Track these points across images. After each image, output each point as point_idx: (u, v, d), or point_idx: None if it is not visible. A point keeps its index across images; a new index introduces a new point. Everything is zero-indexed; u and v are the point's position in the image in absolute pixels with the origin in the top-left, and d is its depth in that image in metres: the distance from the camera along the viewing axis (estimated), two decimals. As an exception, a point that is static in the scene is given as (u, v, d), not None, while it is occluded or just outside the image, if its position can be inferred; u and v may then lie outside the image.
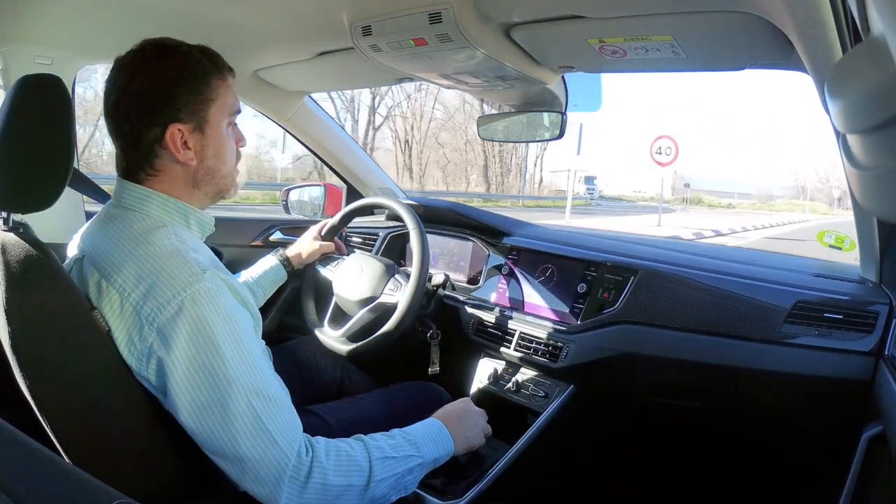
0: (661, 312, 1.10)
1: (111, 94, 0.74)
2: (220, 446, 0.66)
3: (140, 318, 0.66)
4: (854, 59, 0.41)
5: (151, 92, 0.73)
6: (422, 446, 0.80)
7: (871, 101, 0.35)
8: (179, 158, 0.75)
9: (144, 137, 0.74)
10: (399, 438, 0.79)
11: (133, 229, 0.73)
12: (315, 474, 0.68)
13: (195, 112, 0.76)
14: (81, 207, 1.45)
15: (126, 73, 0.74)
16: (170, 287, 0.66)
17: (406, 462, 0.77)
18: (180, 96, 0.74)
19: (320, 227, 1.35)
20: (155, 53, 0.75)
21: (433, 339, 1.25)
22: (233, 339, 0.67)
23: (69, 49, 1.32)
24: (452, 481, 1.09)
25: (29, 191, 0.68)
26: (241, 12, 1.11)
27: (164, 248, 0.70)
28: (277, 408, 0.68)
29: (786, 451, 1.25)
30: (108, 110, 0.75)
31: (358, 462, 0.72)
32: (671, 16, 0.84)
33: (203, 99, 0.76)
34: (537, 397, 1.21)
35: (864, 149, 0.39)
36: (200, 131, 0.77)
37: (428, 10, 0.92)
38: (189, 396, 0.65)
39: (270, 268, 1.26)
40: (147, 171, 0.76)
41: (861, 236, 1.09)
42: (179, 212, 0.77)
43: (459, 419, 0.92)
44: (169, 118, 0.74)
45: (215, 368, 0.65)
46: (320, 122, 1.74)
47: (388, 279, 1.23)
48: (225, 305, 0.68)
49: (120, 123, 0.74)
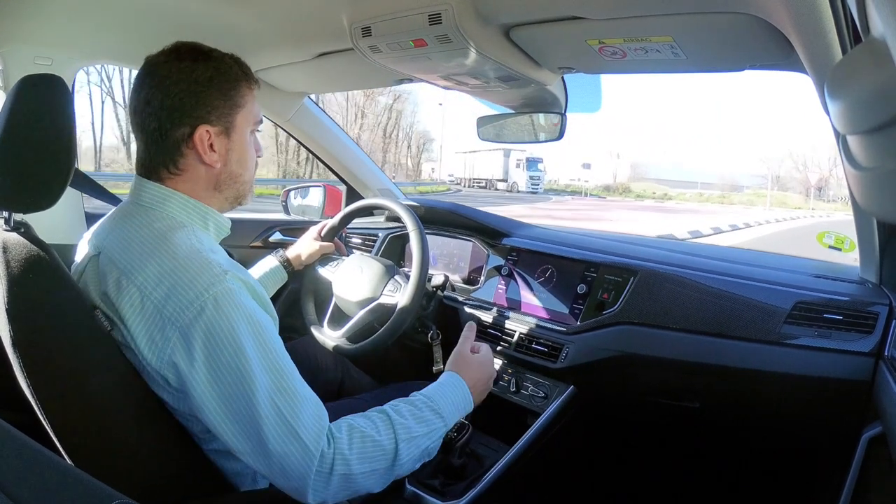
0: (661, 313, 1.10)
1: (141, 90, 0.75)
2: (248, 445, 0.66)
3: (163, 317, 0.66)
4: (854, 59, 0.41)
5: (183, 92, 0.74)
6: (446, 414, 0.80)
7: (871, 102, 0.35)
8: (205, 160, 0.76)
9: (172, 136, 0.74)
10: (424, 409, 0.78)
11: (153, 228, 0.73)
12: (338, 466, 0.68)
13: (224, 116, 0.77)
14: (82, 207, 1.45)
15: (158, 72, 0.74)
16: (192, 288, 0.67)
17: (431, 436, 0.77)
18: (212, 99, 0.76)
19: (320, 227, 1.35)
20: (189, 55, 0.75)
21: (434, 340, 1.25)
22: (256, 338, 0.67)
23: (69, 49, 1.32)
24: (452, 482, 1.09)
25: (30, 191, 0.68)
26: (240, 13, 1.11)
27: (185, 248, 0.70)
28: (303, 404, 0.68)
29: (785, 451, 1.25)
30: (137, 107, 0.75)
31: (382, 446, 0.72)
32: (671, 17, 0.84)
33: (232, 104, 0.78)
34: (537, 398, 1.21)
35: (864, 150, 0.39)
36: (227, 136, 0.78)
37: (427, 12, 0.92)
38: (215, 396, 0.66)
39: (271, 269, 1.26)
40: (170, 170, 0.76)
41: (861, 237, 1.09)
42: (199, 213, 0.78)
43: (478, 369, 0.91)
44: (199, 119, 0.75)
45: (240, 368, 0.65)
46: (320, 123, 1.74)
47: (387, 280, 1.23)
48: (246, 305, 0.68)
49: (147, 120, 0.74)
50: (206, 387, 0.65)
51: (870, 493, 0.94)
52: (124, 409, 0.69)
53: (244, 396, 0.65)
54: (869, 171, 0.39)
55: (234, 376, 0.65)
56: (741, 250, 1.51)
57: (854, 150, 0.42)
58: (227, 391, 0.65)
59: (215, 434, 0.68)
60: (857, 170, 0.41)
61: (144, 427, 0.70)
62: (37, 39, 1.25)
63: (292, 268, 1.29)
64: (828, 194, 37.34)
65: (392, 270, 1.25)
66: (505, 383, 1.27)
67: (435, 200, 1.64)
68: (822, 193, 37.03)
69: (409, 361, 1.50)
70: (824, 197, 36.10)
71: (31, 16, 1.14)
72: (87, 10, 1.13)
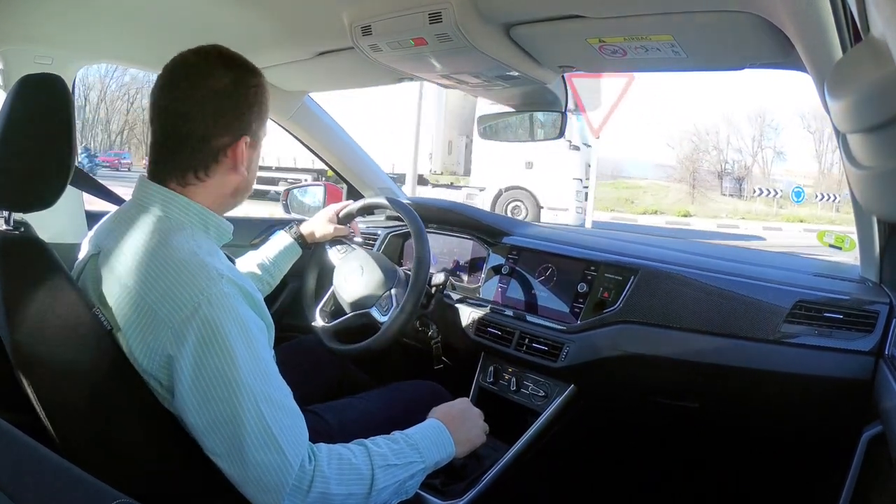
0: (662, 312, 1.10)
1: (187, 92, 0.74)
2: (226, 449, 0.66)
3: (157, 319, 0.66)
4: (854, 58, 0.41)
5: (235, 103, 0.75)
6: (424, 451, 0.80)
7: (871, 100, 0.35)
8: (238, 169, 0.78)
9: (214, 143, 0.75)
10: (402, 443, 0.79)
11: (152, 230, 0.73)
12: (317, 483, 0.68)
13: (257, 129, 0.80)
14: (82, 207, 1.45)
15: (207, 78, 0.74)
16: (187, 289, 0.66)
17: (408, 469, 0.77)
18: (255, 112, 0.78)
19: (338, 209, 1.35)
20: (236, 63, 0.77)
21: (435, 339, 1.25)
22: (245, 344, 0.67)
23: (69, 49, 1.32)
24: (452, 481, 1.09)
25: (30, 190, 0.68)
26: (241, 12, 1.11)
27: (183, 250, 0.70)
28: (286, 416, 0.68)
29: (785, 451, 1.25)
30: (177, 109, 0.74)
31: (360, 470, 0.72)
32: (671, 15, 0.84)
33: (263, 120, 0.81)
34: (537, 397, 1.22)
35: (865, 148, 0.39)
36: (254, 147, 0.80)
37: (428, 10, 0.92)
38: (198, 398, 0.65)
39: (286, 247, 1.27)
40: (198, 175, 0.76)
41: (861, 236, 1.09)
42: (199, 216, 0.77)
43: (461, 420, 0.91)
44: (243, 131, 0.77)
45: (226, 372, 0.65)
46: (320, 122, 1.74)
47: (383, 292, 1.22)
48: (240, 311, 0.68)
49: (191, 125, 0.74)
50: (192, 388, 0.65)
51: (870, 493, 0.94)
52: (125, 409, 0.69)
53: (228, 401, 0.65)
54: (869, 169, 0.39)
55: (220, 380, 0.65)
56: (741, 249, 1.51)
57: (854, 149, 0.42)
58: (212, 394, 0.65)
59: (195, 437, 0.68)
60: (858, 168, 0.41)
61: (145, 427, 0.70)
62: (37, 39, 1.25)
63: (306, 243, 1.31)
64: (748, 189, 25.25)
65: (391, 281, 1.24)
66: (505, 382, 1.27)
67: (435, 199, 1.64)
68: (743, 188, 25.99)
69: (409, 361, 1.50)
70: (744, 194, 25.26)
71: (32, 15, 1.14)
72: (88, 9, 1.13)
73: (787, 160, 29.31)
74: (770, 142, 28.39)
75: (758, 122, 28.33)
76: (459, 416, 0.92)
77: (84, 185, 1.06)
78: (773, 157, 28.59)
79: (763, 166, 28.35)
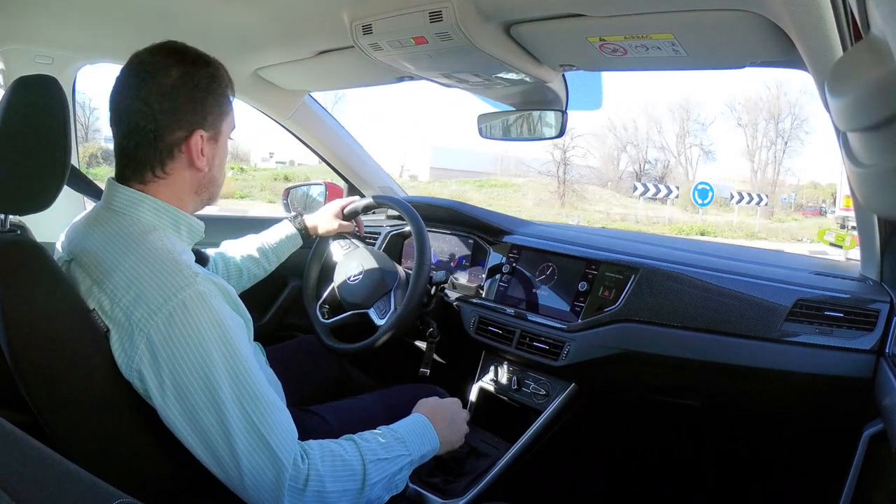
0: (662, 311, 1.10)
1: (136, 89, 0.74)
2: (217, 455, 0.66)
3: (130, 322, 0.66)
4: (854, 56, 0.41)
5: (185, 96, 0.74)
6: (410, 444, 0.80)
7: (871, 98, 0.35)
8: (196, 164, 0.77)
9: (167, 138, 0.74)
10: (389, 437, 0.79)
11: (123, 233, 0.72)
12: (312, 482, 0.68)
13: (215, 122, 0.78)
14: (83, 207, 1.45)
15: (157, 73, 0.74)
16: (160, 292, 0.66)
17: (397, 462, 0.77)
18: (209, 104, 0.77)
19: (344, 204, 1.35)
20: (188, 59, 0.76)
21: (431, 339, 1.25)
22: (224, 344, 0.67)
23: (69, 49, 1.32)
24: (453, 480, 1.09)
25: (26, 192, 0.68)
26: (242, 12, 1.11)
27: (156, 251, 0.70)
28: (272, 413, 0.67)
29: (786, 449, 1.25)
30: (130, 106, 0.74)
31: (352, 466, 0.72)
32: (671, 14, 0.84)
33: (222, 111, 0.79)
34: (538, 396, 1.22)
35: (865, 146, 0.39)
36: (214, 141, 0.79)
37: (428, 9, 0.92)
38: (182, 404, 0.65)
39: (288, 235, 1.28)
40: (156, 172, 0.76)
41: (862, 234, 1.09)
42: (171, 217, 0.77)
43: (449, 420, 0.91)
44: (196, 124, 0.76)
45: (207, 374, 0.65)
46: (321, 121, 1.74)
47: (380, 296, 1.23)
48: (217, 309, 0.68)
49: (143, 121, 0.73)
50: (174, 395, 0.65)
51: (871, 490, 0.94)
52: (123, 410, 0.69)
53: (213, 404, 0.65)
54: (870, 167, 0.39)
55: (202, 383, 0.65)
56: (742, 248, 1.50)
57: (855, 147, 0.42)
58: (196, 399, 0.65)
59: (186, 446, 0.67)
60: (858, 167, 0.41)
61: (143, 426, 0.70)
62: (37, 39, 1.25)
63: (308, 236, 1.32)
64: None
65: (391, 282, 1.24)
66: (506, 381, 1.27)
67: (436, 198, 1.64)
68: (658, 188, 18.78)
69: (409, 360, 1.50)
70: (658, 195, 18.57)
71: (32, 15, 1.14)
72: (88, 9, 1.13)
73: (717, 158, 26.51)
74: (696, 139, 25.11)
75: (680, 115, 25.17)
76: (447, 415, 0.92)
77: (80, 186, 1.06)
78: (700, 155, 24.95)
79: (685, 166, 24.89)
